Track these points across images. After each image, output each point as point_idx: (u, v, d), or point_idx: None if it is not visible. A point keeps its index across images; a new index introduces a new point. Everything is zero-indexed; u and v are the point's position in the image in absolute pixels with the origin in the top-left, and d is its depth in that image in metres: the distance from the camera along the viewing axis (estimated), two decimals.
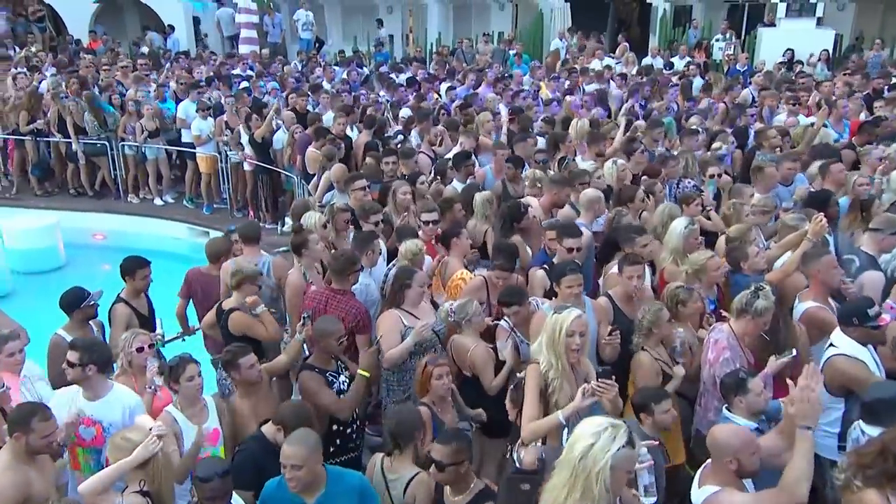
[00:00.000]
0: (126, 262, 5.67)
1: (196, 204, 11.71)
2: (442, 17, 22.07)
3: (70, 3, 20.38)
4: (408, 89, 12.67)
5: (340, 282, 5.22)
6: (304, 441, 3.56)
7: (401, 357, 4.90)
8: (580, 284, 4.75)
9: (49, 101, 11.73)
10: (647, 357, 4.59)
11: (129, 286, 5.67)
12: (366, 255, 5.50)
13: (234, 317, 5.20)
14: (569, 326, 3.92)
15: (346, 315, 5.05)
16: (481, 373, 4.85)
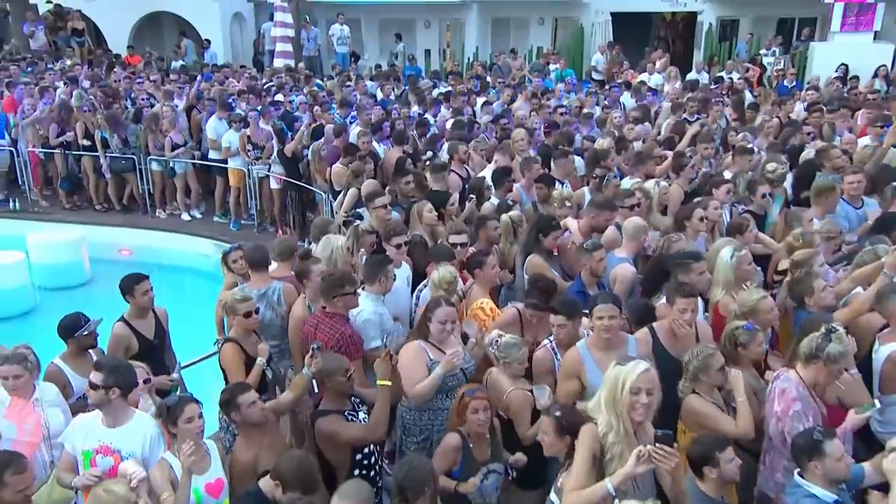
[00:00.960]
0: (123, 280, 5.29)
1: (227, 219, 11.42)
2: (480, 31, 21.72)
3: (110, 18, 20.53)
4: (443, 104, 12.27)
5: (329, 304, 4.78)
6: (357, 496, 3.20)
7: (431, 390, 4.38)
8: (613, 316, 4.21)
9: (76, 114, 11.59)
10: (699, 401, 4.03)
11: (132, 305, 5.28)
12: (378, 281, 5.01)
13: (225, 349, 4.80)
14: (634, 382, 3.36)
15: (328, 339, 4.62)
16: (517, 419, 4.36)
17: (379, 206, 6.31)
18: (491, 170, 7.67)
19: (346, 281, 4.79)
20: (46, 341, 9.05)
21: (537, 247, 5.67)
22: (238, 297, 4.83)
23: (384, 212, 6.32)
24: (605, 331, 4.18)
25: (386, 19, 22.24)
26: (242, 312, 4.79)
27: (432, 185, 7.25)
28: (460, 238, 5.77)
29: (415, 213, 6.36)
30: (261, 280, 5.44)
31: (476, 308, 5.29)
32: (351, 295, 4.78)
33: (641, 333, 4.48)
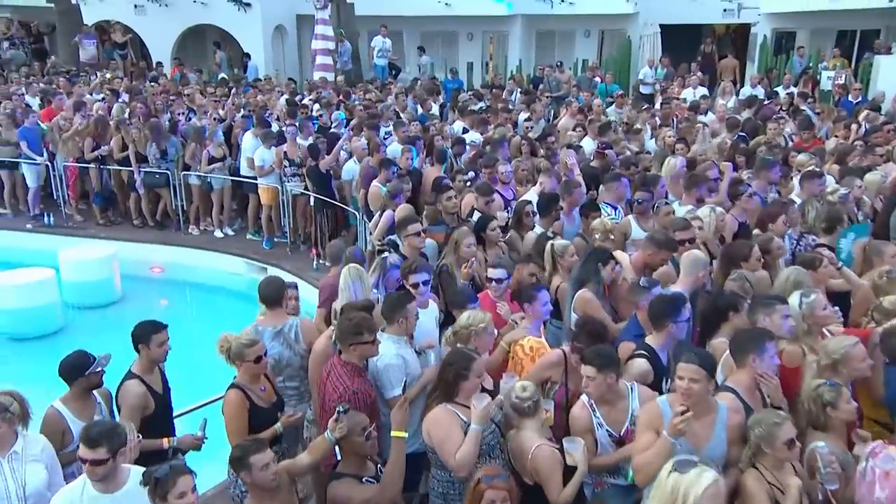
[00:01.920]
0: (138, 328, 4.68)
1: (260, 237, 11.11)
2: (524, 44, 21.27)
3: (155, 31, 20.63)
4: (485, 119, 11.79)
5: (345, 351, 4.26)
6: None
7: (474, 453, 3.80)
8: (696, 380, 3.58)
9: (113, 128, 11.44)
10: (754, 482, 3.42)
11: (143, 357, 4.66)
12: (397, 322, 4.52)
13: (229, 397, 4.35)
14: (698, 499, 2.79)
15: (332, 392, 4.14)
16: (546, 482, 3.78)
17: (411, 234, 5.84)
18: (535, 193, 7.15)
19: (364, 328, 4.25)
20: None
21: (594, 279, 5.12)
22: (245, 342, 4.35)
23: (417, 240, 5.84)
24: (687, 395, 3.59)
25: (428, 32, 21.94)
26: (251, 358, 4.32)
27: (476, 206, 6.78)
28: (498, 273, 5.25)
29: (452, 241, 5.85)
30: (275, 317, 5.00)
31: (516, 346, 4.80)
32: (369, 344, 4.26)
33: (730, 399, 3.80)
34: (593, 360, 3.97)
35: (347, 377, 4.20)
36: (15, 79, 15.93)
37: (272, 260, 10.52)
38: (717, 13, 19.97)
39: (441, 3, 20.01)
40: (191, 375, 8.85)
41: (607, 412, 4.02)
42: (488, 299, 5.18)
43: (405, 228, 5.89)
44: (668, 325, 4.43)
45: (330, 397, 4.15)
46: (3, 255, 11.14)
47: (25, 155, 11.29)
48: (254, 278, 10.60)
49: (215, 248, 11.01)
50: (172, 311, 10.65)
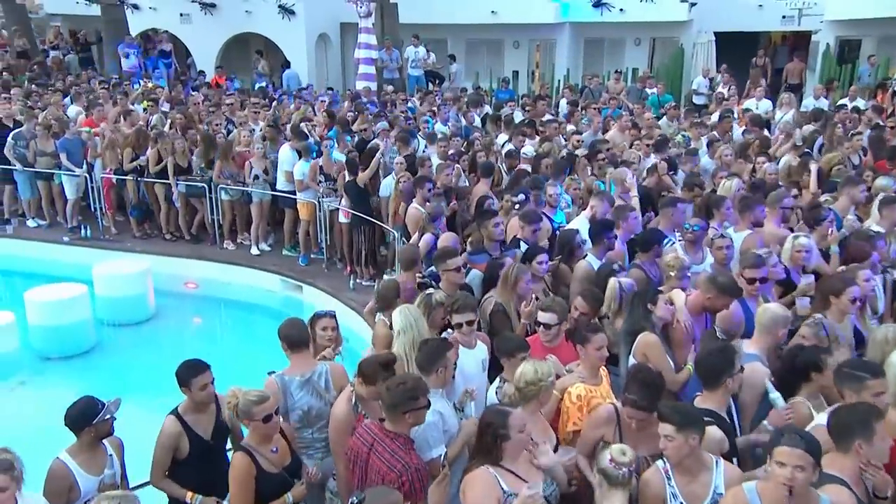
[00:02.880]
0: (181, 368, 4.35)
1: (297, 253, 10.76)
2: (571, 52, 20.69)
3: (199, 39, 20.63)
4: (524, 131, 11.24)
5: (394, 421, 3.75)
6: None
7: None
8: (801, 467, 3.00)
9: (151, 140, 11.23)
10: None
11: (188, 398, 4.36)
12: (435, 372, 4.04)
13: (235, 461, 3.92)
14: None
15: (388, 471, 3.62)
16: None
17: (451, 269, 5.35)
18: (585, 218, 6.61)
19: (420, 391, 3.73)
20: (105, 383, 8.64)
21: (646, 322, 4.58)
22: (253, 398, 3.88)
23: (457, 276, 5.36)
24: (788, 483, 3.02)
25: (473, 39, 21.52)
26: (260, 417, 3.86)
27: (521, 234, 6.26)
28: (548, 317, 4.69)
29: (509, 277, 5.28)
30: (302, 362, 4.54)
31: (565, 395, 4.29)
32: (424, 409, 3.76)
33: (837, 493, 3.17)
34: (671, 416, 3.44)
35: (403, 451, 3.67)
36: (61, 87, 15.92)
37: (308, 278, 10.16)
38: (775, 20, 19.12)
39: (487, 11, 19.55)
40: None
41: (685, 483, 3.47)
42: (538, 345, 4.66)
43: (444, 262, 5.40)
44: (725, 381, 3.89)
45: (385, 476, 3.61)
46: (39, 268, 11.03)
47: (65, 166, 11.14)
48: (289, 296, 10.31)
49: (251, 263, 10.69)
50: (205, 329, 10.41)
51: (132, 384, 8.63)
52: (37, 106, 13.17)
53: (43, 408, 7.79)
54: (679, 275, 5.21)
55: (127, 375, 8.92)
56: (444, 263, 5.39)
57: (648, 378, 3.90)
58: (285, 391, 4.31)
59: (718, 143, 9.95)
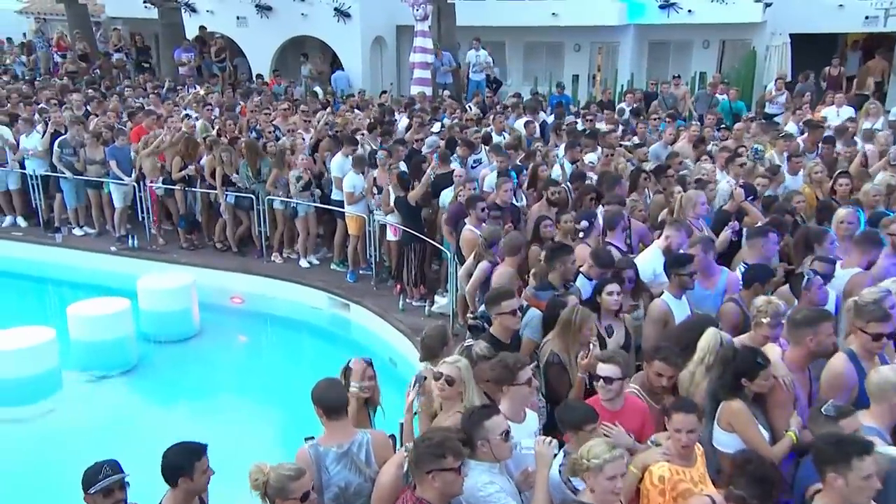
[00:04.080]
0: (176, 457, 3.71)
1: (345, 268, 10.30)
2: (635, 56, 19.78)
3: (255, 43, 20.48)
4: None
5: (420, 484, 3.25)
6: None
7: None
8: None
9: (205, 148, 10.94)
10: None
11: (180, 491, 3.67)
12: (478, 444, 3.45)
13: None
14: None
15: None
16: None
17: (505, 312, 4.72)
18: (658, 249, 5.92)
19: (448, 449, 3.21)
20: (146, 405, 8.33)
21: (737, 393, 3.90)
22: (289, 473, 3.33)
23: (511, 321, 4.71)
24: None
25: (532, 42, 20.83)
26: (298, 495, 3.31)
27: (587, 271, 5.60)
28: (610, 370, 4.00)
29: (572, 322, 4.58)
30: (340, 431, 3.89)
31: (646, 475, 3.66)
32: (453, 473, 3.20)
33: None
34: None
35: None
36: (118, 91, 15.88)
37: (355, 296, 9.69)
38: (857, 21, 17.84)
39: (548, 13, 18.84)
40: (267, 421, 8.15)
41: None
42: (598, 407, 3.96)
43: (498, 305, 4.75)
44: None
45: None
46: (85, 278, 10.87)
47: (114, 174, 10.93)
48: (336, 314, 9.87)
49: (298, 278, 10.28)
50: (250, 349, 10.04)
51: (174, 406, 8.32)
52: (96, 111, 13.07)
53: (80, 430, 7.53)
54: (772, 322, 4.49)
55: (169, 396, 8.61)
56: (498, 306, 4.75)
57: (760, 472, 3.28)
58: (320, 464, 3.69)
59: (803, 157, 9.10)
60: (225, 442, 7.37)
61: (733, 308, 4.98)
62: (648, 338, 5.01)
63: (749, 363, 3.91)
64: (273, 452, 7.23)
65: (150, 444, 7.11)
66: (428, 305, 9.13)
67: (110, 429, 7.58)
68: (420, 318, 8.97)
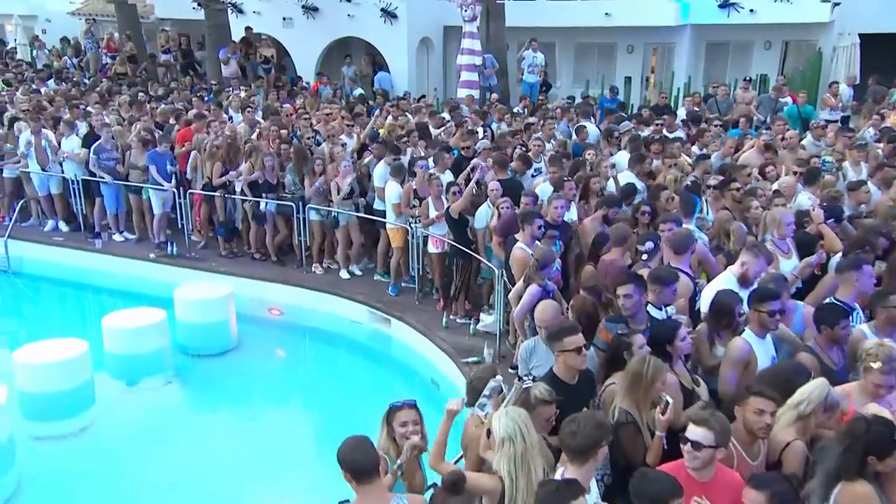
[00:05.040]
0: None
1: (388, 278, 9.86)
2: (692, 57, 18.97)
3: (301, 44, 20.25)
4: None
5: None
6: None
7: None
8: None
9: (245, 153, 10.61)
10: None
11: None
12: None
13: None
14: None
15: None
16: None
17: (569, 350, 4.19)
18: (733, 276, 5.30)
19: None
20: (179, 421, 8.00)
21: (861, 472, 3.29)
22: None
23: (577, 360, 4.17)
24: None
25: (583, 43, 20.16)
26: None
27: (650, 298, 5.01)
28: (702, 434, 3.37)
29: (643, 376, 3.94)
30: (372, 497, 3.39)
31: None
32: None
33: None
34: None
35: None
36: (164, 94, 15.73)
37: (397, 311, 9.23)
38: None
39: (601, 13, 18.15)
40: (304, 440, 7.76)
41: None
42: (680, 475, 3.36)
43: (560, 341, 4.22)
44: None
45: None
46: (123, 284, 10.66)
47: (153, 180, 10.69)
48: (377, 329, 9.44)
49: (338, 290, 9.86)
50: (288, 364, 9.66)
51: (209, 423, 7.97)
52: (138, 114, 12.88)
53: (113, 447, 7.25)
54: (885, 368, 3.87)
55: (204, 413, 8.28)
56: (561, 342, 4.21)
57: None
58: None
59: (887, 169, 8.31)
60: (261, 461, 7.11)
61: (810, 361, 4.35)
62: (727, 382, 4.41)
63: (886, 440, 3.30)
64: (311, 473, 6.94)
65: (185, 462, 6.85)
66: (473, 323, 8.62)
67: (143, 445, 7.30)
68: (464, 336, 8.49)
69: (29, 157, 11.40)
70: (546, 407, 3.71)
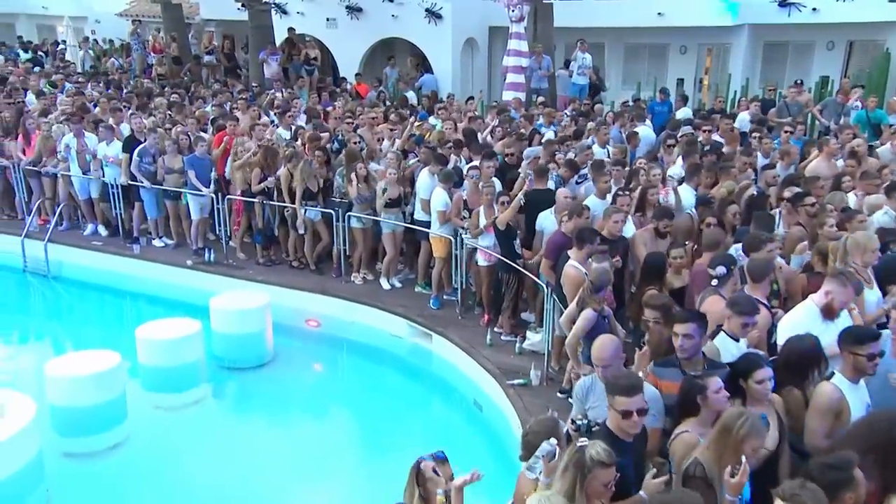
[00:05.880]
0: None
1: (430, 291, 9.44)
2: (748, 58, 18.14)
3: (345, 45, 19.97)
4: None
5: None
6: None
7: None
8: None
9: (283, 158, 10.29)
10: None
11: None
12: None
13: None
14: None
15: None
16: None
17: (625, 411, 3.65)
18: (815, 306, 4.72)
19: None
20: (213, 437, 7.70)
21: None
22: None
23: (626, 423, 3.56)
24: None
25: (633, 44, 19.49)
26: None
27: (729, 328, 4.47)
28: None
29: (734, 432, 3.40)
30: None
31: None
32: None
33: None
34: None
35: None
36: (204, 95, 15.56)
37: (438, 326, 8.81)
38: None
39: (653, 12, 17.46)
40: (342, 460, 7.39)
41: None
42: None
43: (612, 397, 3.66)
44: None
45: None
46: (160, 291, 10.48)
47: (191, 185, 10.46)
48: (417, 345, 9.05)
49: (378, 302, 9.48)
50: (325, 378, 9.32)
51: (242, 441, 7.63)
52: (177, 117, 12.70)
53: (145, 465, 6.99)
54: None
55: (237, 429, 7.94)
56: (613, 399, 3.67)
57: None
58: None
59: None
60: (298, 480, 6.73)
61: None
62: (815, 433, 3.87)
63: None
64: (347, 494, 6.61)
65: (219, 481, 6.52)
66: (519, 341, 8.16)
67: (176, 463, 7.05)
68: (509, 355, 8.03)
69: (70, 160, 11.29)
70: (604, 470, 3.22)
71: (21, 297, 11.45)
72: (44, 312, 11.01)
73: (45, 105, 13.63)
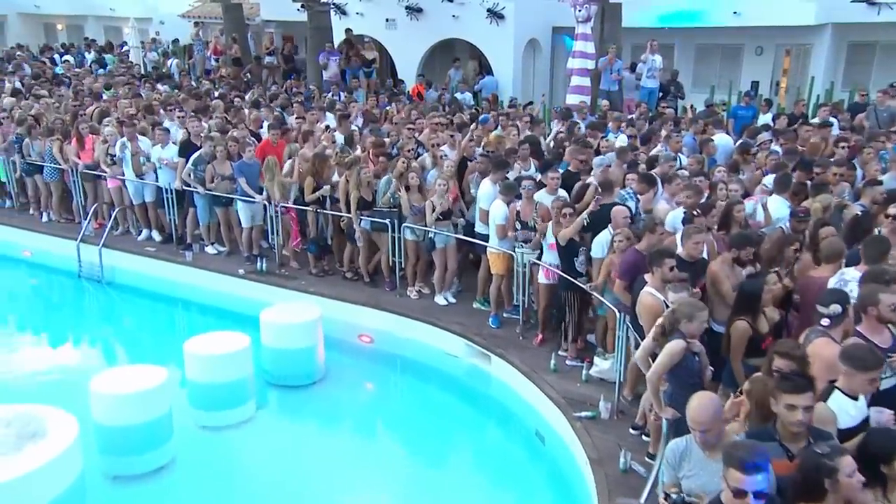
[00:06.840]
0: None
1: (488, 306, 8.90)
2: (830, 59, 17.02)
3: (404, 46, 19.59)
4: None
5: None
6: None
7: None
8: None
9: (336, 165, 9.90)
10: None
11: None
12: None
13: None
14: None
15: None
16: None
17: (735, 489, 3.00)
18: None
19: None
20: (262, 460, 7.31)
21: None
22: None
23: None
24: None
25: (705, 45, 18.55)
26: None
27: (845, 386, 3.80)
28: None
29: None
30: None
31: None
32: None
33: None
34: None
35: None
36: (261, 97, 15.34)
37: (498, 346, 8.26)
38: None
39: (728, 12, 16.53)
40: (394, 484, 6.94)
41: None
42: None
43: (728, 471, 3.00)
44: None
45: None
46: (211, 300, 10.25)
47: (242, 191, 10.15)
48: (475, 366, 8.51)
49: (433, 319, 8.98)
50: (377, 398, 8.85)
51: (291, 464, 7.22)
52: (233, 121, 12.47)
53: (192, 488, 6.66)
54: None
55: (287, 451, 7.50)
56: (727, 472, 3.02)
57: None
58: None
59: None
60: None
61: None
62: None
63: None
64: None
65: None
66: (585, 368, 7.55)
67: (224, 486, 6.75)
68: (575, 383, 7.44)
69: (125, 164, 11.13)
70: None
71: (74, 302, 11.36)
72: (95, 320, 10.86)
73: (104, 108, 13.59)
